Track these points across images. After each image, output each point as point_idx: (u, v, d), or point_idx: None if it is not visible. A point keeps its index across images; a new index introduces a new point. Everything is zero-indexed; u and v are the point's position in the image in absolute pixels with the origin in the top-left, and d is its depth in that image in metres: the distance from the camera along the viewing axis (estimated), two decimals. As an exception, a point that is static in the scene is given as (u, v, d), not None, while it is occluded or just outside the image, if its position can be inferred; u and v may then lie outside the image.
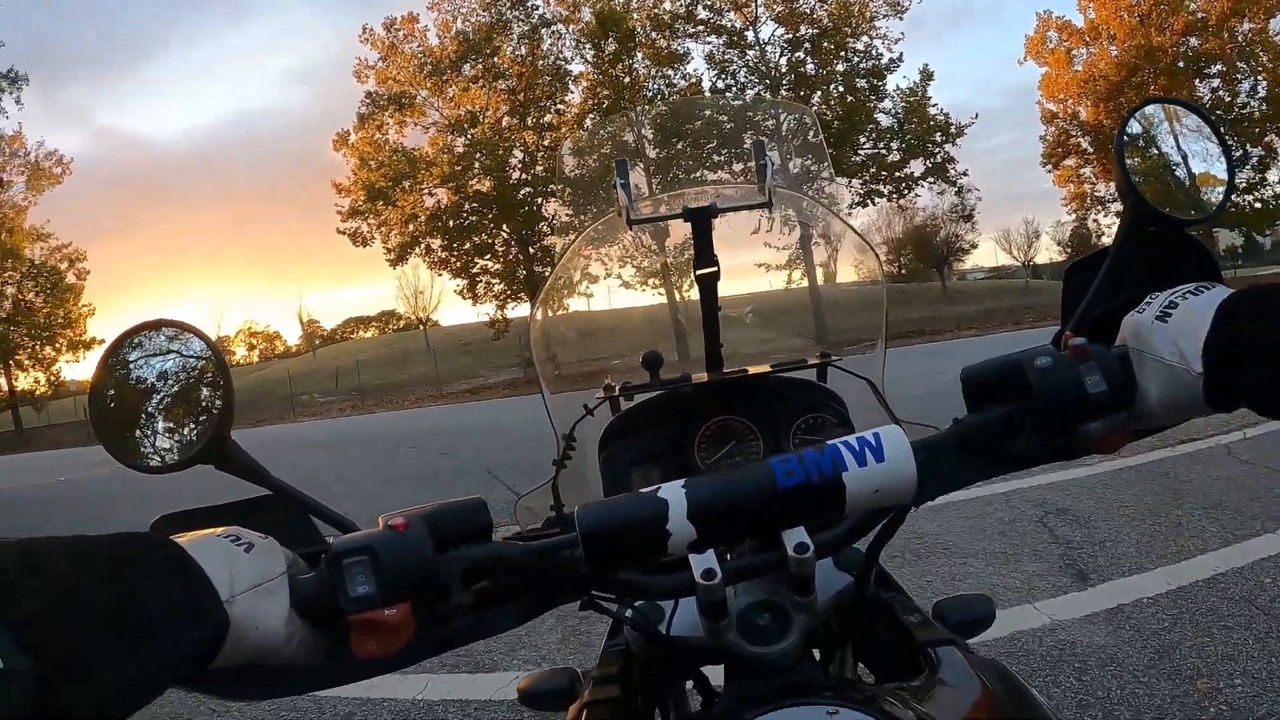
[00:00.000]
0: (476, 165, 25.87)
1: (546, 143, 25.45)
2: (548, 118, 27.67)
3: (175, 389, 0.60)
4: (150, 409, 0.60)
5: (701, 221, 0.91)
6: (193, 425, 0.60)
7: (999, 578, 3.04)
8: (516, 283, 27.82)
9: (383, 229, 28.45)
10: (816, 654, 0.77)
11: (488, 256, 28.35)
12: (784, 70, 26.49)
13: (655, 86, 26.74)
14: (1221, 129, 0.62)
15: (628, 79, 26.37)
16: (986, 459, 0.58)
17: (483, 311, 29.84)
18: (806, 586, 0.60)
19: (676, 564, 0.59)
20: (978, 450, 0.57)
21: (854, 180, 26.53)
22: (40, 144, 34.25)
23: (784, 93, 25.81)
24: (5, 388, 34.82)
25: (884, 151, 26.89)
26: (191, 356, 0.61)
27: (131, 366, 0.60)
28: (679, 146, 21.44)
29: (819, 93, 26.20)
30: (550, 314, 1.20)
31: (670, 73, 26.86)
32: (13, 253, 32.33)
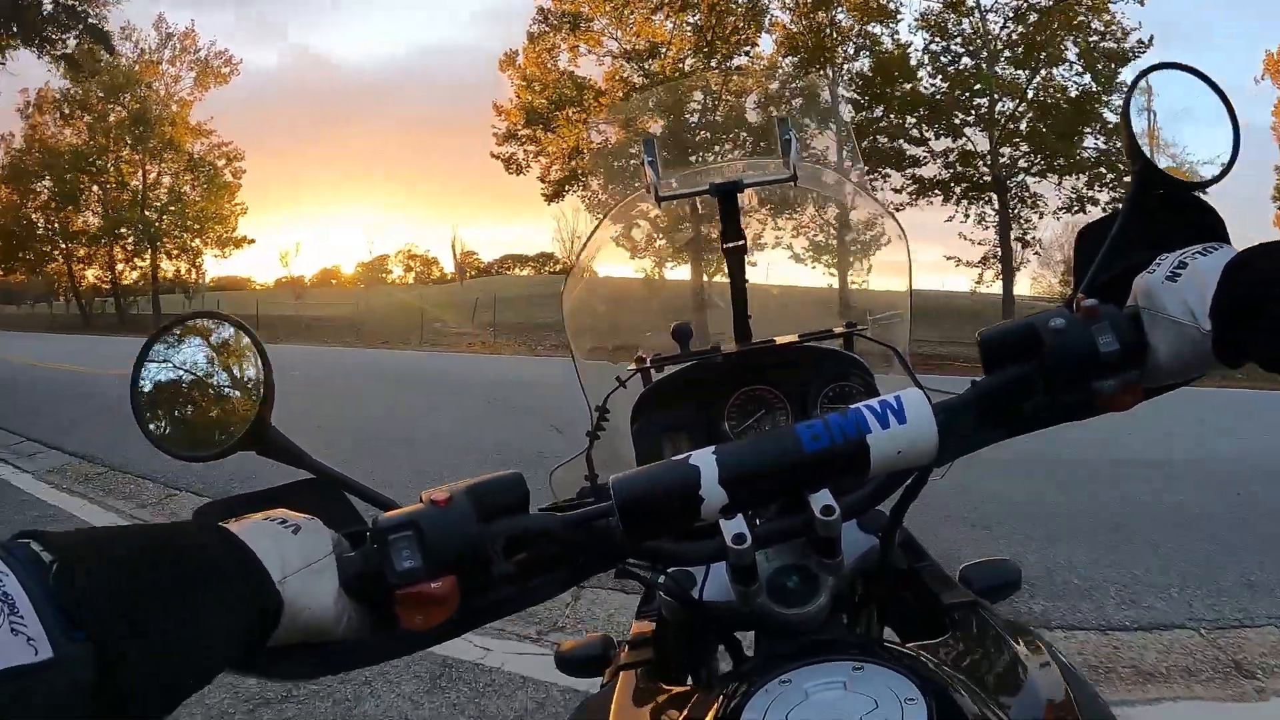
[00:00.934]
0: (651, 102, 24.13)
1: (731, 87, 22.37)
2: (737, 61, 24.78)
3: (216, 379, 0.62)
4: (191, 399, 0.62)
5: (728, 197, 0.94)
6: (234, 414, 0.62)
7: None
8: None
9: (541, 159, 26.60)
10: (845, 619, 0.79)
11: (649, 207, 25.46)
12: (1002, 44, 22.47)
13: (858, 43, 23.79)
14: (1222, 90, 0.62)
15: (829, 30, 23.75)
16: (1004, 420, 0.60)
17: (640, 266, 27.74)
18: (833, 549, 0.61)
19: (707, 531, 0.61)
20: (995, 411, 0.59)
21: (1067, 178, 22.98)
22: (212, 43, 36.29)
23: (1004, 66, 21.97)
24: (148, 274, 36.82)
25: (1113, 152, 21.59)
26: (232, 347, 0.62)
27: (173, 358, 0.62)
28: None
29: (1043, 72, 22.58)
30: (583, 288, 1.23)
31: (877, 29, 23.53)
32: (173, 144, 33.87)
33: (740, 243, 0.96)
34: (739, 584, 0.62)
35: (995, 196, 23.52)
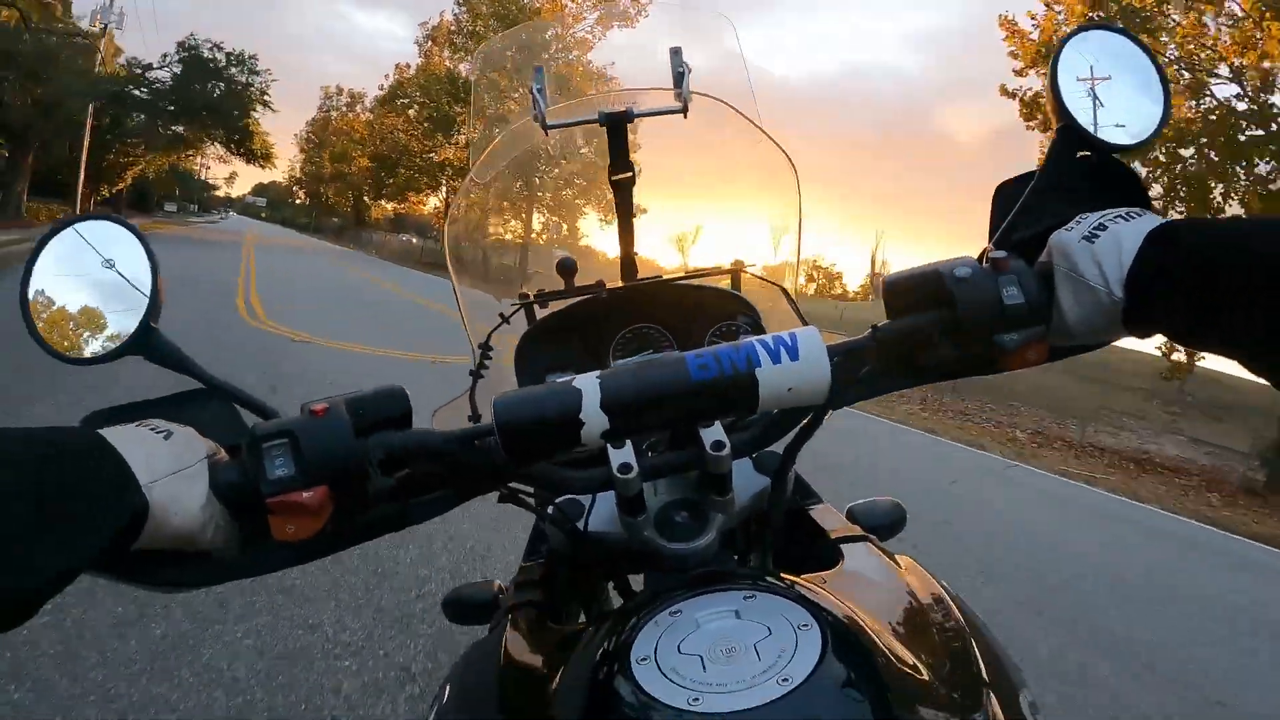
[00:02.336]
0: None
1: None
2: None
3: (105, 283, 0.61)
4: (80, 302, 0.60)
5: (617, 127, 0.90)
6: (121, 318, 0.60)
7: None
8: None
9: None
10: (735, 557, 0.79)
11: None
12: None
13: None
14: (1154, 56, 0.62)
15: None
16: (903, 368, 0.60)
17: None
18: (723, 485, 0.62)
19: (596, 460, 0.60)
20: (895, 358, 0.59)
21: None
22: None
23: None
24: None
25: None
26: (122, 251, 0.61)
27: (63, 260, 0.60)
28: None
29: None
30: (466, 219, 1.17)
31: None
32: (565, 81, 30.16)
33: (629, 175, 0.93)
34: (626, 515, 0.62)
35: None
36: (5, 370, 4.48)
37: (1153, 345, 11.94)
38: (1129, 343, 0.58)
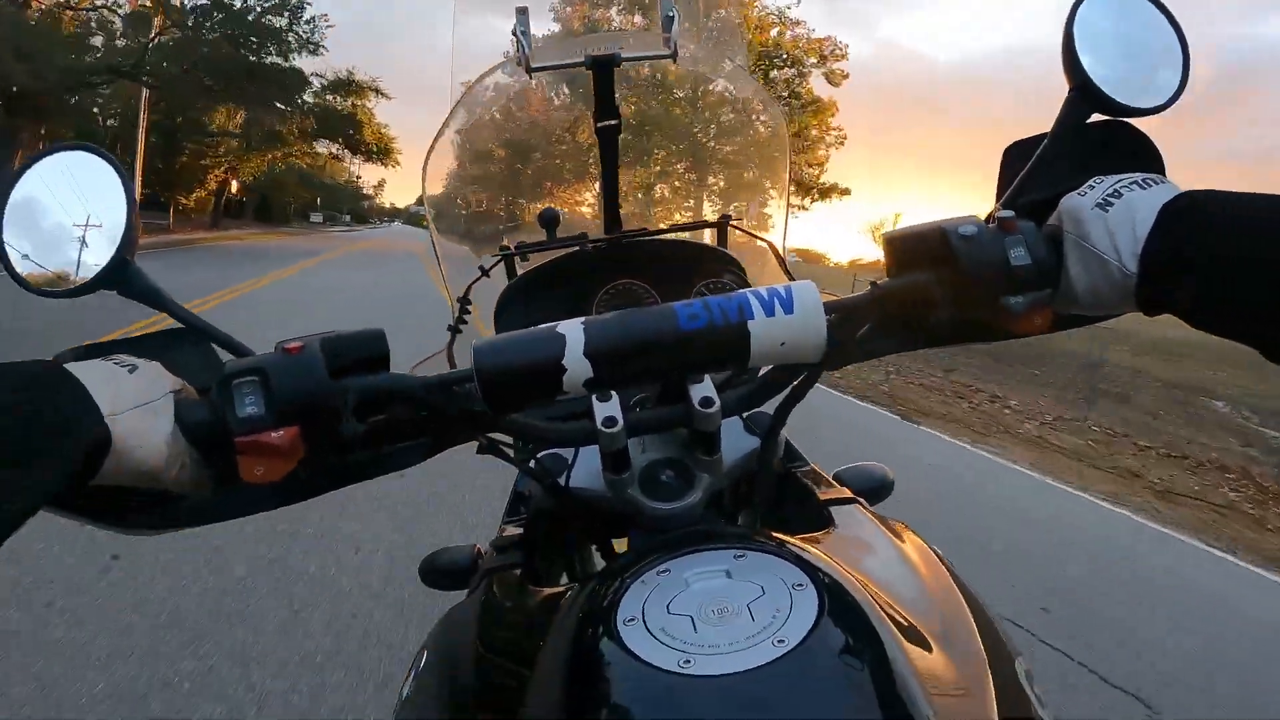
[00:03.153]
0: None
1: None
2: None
3: (80, 215, 0.59)
4: (54, 234, 0.59)
5: (604, 70, 0.87)
6: (96, 251, 0.59)
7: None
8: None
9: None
10: (722, 520, 0.78)
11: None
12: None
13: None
14: (1175, 18, 0.59)
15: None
16: (903, 330, 0.58)
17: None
18: (711, 444, 0.60)
19: (580, 414, 0.59)
20: (895, 318, 0.57)
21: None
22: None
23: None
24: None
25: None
26: (98, 183, 0.59)
27: (38, 191, 0.59)
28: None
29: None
30: (444, 168, 1.14)
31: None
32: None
33: (614, 122, 0.90)
34: (610, 471, 0.60)
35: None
36: None
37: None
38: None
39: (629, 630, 0.41)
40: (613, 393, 0.58)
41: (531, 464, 0.72)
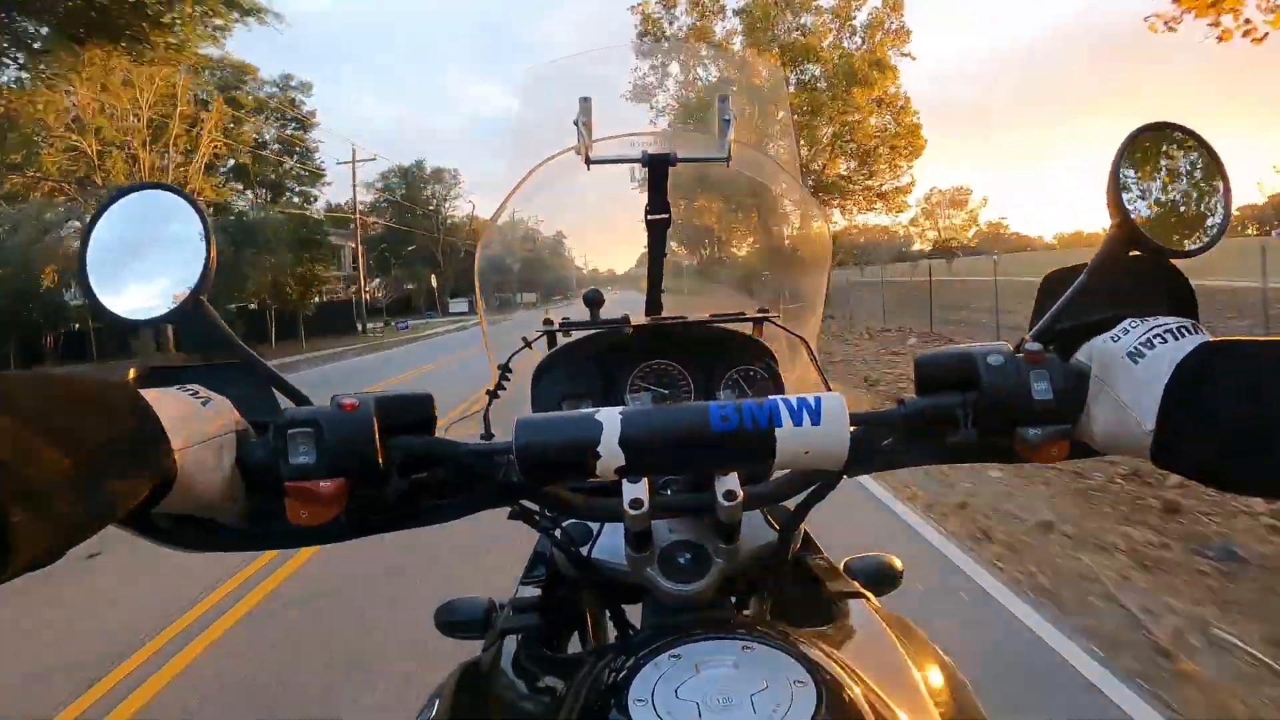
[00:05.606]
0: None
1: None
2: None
3: (162, 251, 0.62)
4: (135, 265, 0.62)
5: (659, 168, 0.91)
6: (173, 286, 0.61)
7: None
8: None
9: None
10: (733, 601, 0.79)
11: None
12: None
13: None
14: (1222, 163, 0.60)
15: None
16: (924, 445, 0.60)
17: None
18: (732, 534, 0.62)
19: (610, 490, 0.61)
20: (917, 434, 0.59)
21: None
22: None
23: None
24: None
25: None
26: (180, 222, 0.62)
27: (124, 224, 0.62)
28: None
29: None
30: (498, 244, 1.19)
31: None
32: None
33: (665, 216, 0.94)
34: (632, 549, 0.63)
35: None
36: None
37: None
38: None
39: (639, 711, 0.43)
40: (641, 477, 0.59)
41: (558, 533, 0.74)
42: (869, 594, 0.76)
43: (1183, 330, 0.51)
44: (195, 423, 0.49)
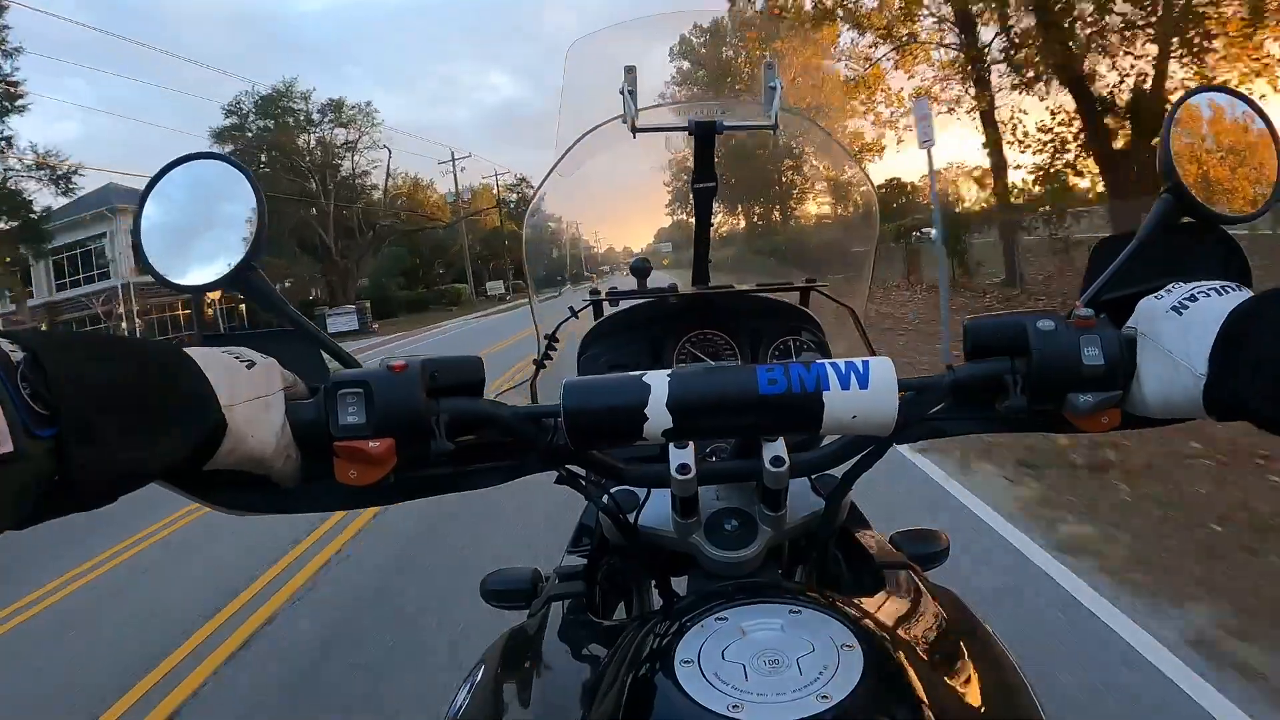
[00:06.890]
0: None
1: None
2: None
3: (214, 219, 0.63)
4: (189, 234, 0.63)
5: (705, 136, 0.91)
6: (225, 253, 0.63)
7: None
8: None
9: None
10: (779, 570, 0.79)
11: None
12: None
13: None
14: (1276, 127, 0.58)
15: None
16: (974, 412, 0.59)
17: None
18: (778, 501, 0.62)
19: (657, 456, 0.61)
20: (966, 401, 0.59)
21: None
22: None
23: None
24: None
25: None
26: (233, 191, 0.63)
27: (178, 193, 0.63)
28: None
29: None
30: (545, 215, 1.20)
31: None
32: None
33: (711, 184, 0.93)
34: (678, 515, 0.63)
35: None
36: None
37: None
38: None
39: (685, 671, 0.43)
40: (689, 441, 0.60)
41: (604, 499, 0.75)
42: (915, 566, 0.75)
43: (1226, 289, 0.51)
44: (241, 380, 0.50)
